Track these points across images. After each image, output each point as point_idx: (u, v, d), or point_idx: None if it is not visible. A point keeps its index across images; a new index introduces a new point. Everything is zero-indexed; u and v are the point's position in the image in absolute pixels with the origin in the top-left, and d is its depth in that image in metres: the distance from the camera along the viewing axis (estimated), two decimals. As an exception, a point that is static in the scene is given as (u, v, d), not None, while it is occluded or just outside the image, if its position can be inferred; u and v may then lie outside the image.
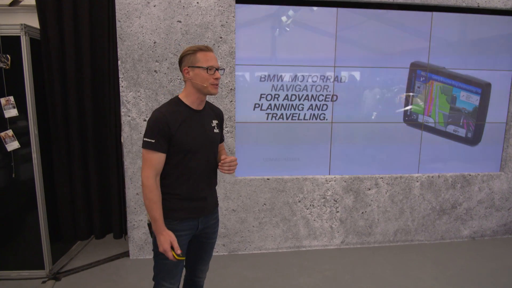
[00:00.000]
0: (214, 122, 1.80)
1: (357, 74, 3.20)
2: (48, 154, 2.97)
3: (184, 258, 1.67)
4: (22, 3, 4.33)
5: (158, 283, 1.74)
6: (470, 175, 3.43)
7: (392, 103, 3.28)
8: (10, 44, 2.60)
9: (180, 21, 2.87)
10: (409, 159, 3.37)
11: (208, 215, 1.80)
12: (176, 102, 1.69)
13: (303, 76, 3.11)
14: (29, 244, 2.84)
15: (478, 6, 3.19)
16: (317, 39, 3.10)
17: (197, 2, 2.86)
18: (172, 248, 1.61)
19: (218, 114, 1.85)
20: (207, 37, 2.90)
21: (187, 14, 2.86)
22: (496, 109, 3.43)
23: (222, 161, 1.75)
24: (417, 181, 3.35)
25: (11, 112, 2.66)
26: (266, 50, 3.07)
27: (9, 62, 2.60)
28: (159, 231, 1.62)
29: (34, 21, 3.03)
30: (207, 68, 1.61)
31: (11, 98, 2.64)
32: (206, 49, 1.66)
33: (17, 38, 2.59)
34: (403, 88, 3.27)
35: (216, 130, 1.79)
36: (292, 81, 3.11)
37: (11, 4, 4.33)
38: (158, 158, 1.60)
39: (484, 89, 3.36)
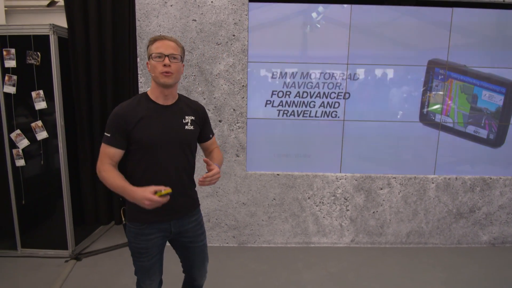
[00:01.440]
0: (188, 118, 1.69)
1: (370, 72, 3.16)
2: (74, 144, 3.22)
3: (170, 190, 1.50)
4: (58, 4, 4.68)
5: (139, 280, 1.77)
6: (491, 179, 3.28)
7: (407, 101, 3.21)
8: (41, 42, 2.85)
9: (195, 20, 2.98)
10: (425, 159, 3.28)
11: (182, 218, 1.72)
12: (141, 97, 1.66)
13: (315, 73, 3.13)
14: (55, 226, 3.10)
15: (504, 1, 3.04)
16: (330, 36, 3.10)
17: (211, 1, 2.96)
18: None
19: (195, 110, 1.74)
20: (220, 35, 3.00)
21: (202, 13, 2.97)
22: (523, 110, 3.25)
23: (204, 176, 1.61)
24: (433, 183, 3.26)
25: (41, 105, 2.91)
26: (278, 48, 3.11)
27: (39, 59, 2.85)
28: (132, 192, 1.48)
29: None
30: (155, 56, 1.54)
31: (41, 92, 2.89)
32: (157, 38, 1.58)
33: (47, 37, 2.83)
34: (419, 86, 3.18)
35: (188, 127, 1.68)
36: (303, 78, 3.13)
37: (48, 5, 4.69)
38: (113, 153, 1.57)
39: (509, 89, 3.19)
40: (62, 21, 4.68)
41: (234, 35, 3.01)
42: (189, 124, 1.69)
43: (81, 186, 3.30)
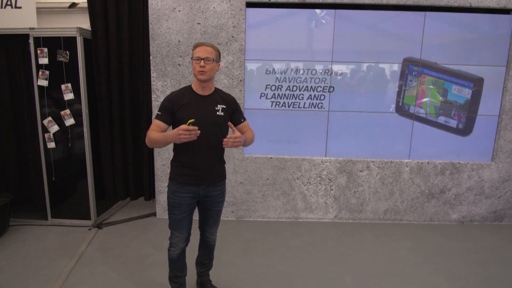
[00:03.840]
0: (220, 107, 2.13)
1: (352, 68, 3.61)
2: (96, 131, 3.74)
3: (193, 119, 1.91)
4: (78, 6, 5.20)
5: (171, 232, 2.23)
6: (459, 163, 3.71)
7: (384, 94, 3.65)
8: (69, 43, 3.36)
9: (199, 23, 3.46)
10: (400, 146, 3.73)
11: (209, 185, 2.16)
12: (186, 88, 2.15)
13: (303, 69, 3.59)
14: (80, 200, 3.64)
15: (471, 5, 3.44)
16: (317, 37, 3.55)
17: (214, 7, 3.43)
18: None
19: (226, 101, 2.17)
20: (221, 37, 3.48)
21: (205, 17, 3.45)
22: (489, 103, 3.66)
23: (228, 137, 2.01)
24: (407, 166, 3.71)
25: (69, 96, 3.43)
26: (272, 47, 3.57)
27: (68, 57, 3.36)
28: (168, 136, 1.95)
29: (86, 22, 3.78)
30: (194, 58, 2.02)
31: (69, 85, 3.41)
32: (198, 45, 2.05)
33: (74, 39, 3.34)
34: (396, 81, 3.62)
35: (220, 113, 2.11)
36: (293, 73, 3.60)
37: (70, 7, 5.21)
38: (160, 124, 2.06)
39: (476, 83, 3.61)
40: (82, 21, 5.23)
41: (233, 36, 3.48)
42: (220, 111, 2.12)
43: (101, 166, 3.83)
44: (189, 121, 1.90)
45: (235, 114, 2.25)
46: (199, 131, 1.92)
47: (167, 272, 2.38)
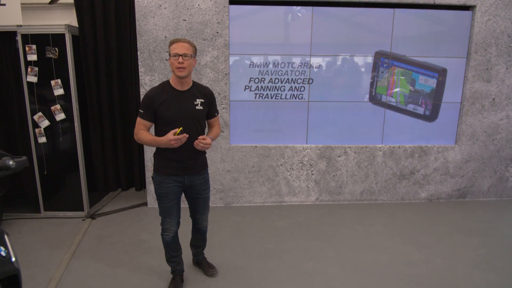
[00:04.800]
0: (198, 101, 2.22)
1: (329, 61, 3.89)
2: (86, 124, 3.85)
3: (181, 128, 2.10)
4: (59, 1, 5.21)
5: (162, 218, 2.38)
6: (427, 147, 4.09)
7: (359, 85, 3.96)
8: (57, 39, 3.44)
9: (185, 20, 3.63)
10: (374, 132, 4.06)
11: (193, 175, 2.31)
12: (164, 84, 2.22)
13: (284, 63, 3.83)
14: (73, 192, 3.76)
15: (434, 2, 3.78)
16: (297, 33, 3.80)
17: (198, 4, 3.60)
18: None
19: (204, 94, 2.27)
20: (206, 33, 3.66)
21: (191, 14, 3.62)
22: (452, 91, 4.04)
23: (199, 138, 2.15)
24: (380, 151, 4.05)
25: (59, 91, 3.53)
26: (255, 42, 3.79)
27: (57, 53, 3.46)
28: (160, 141, 2.12)
29: (68, 17, 3.87)
30: (172, 55, 2.08)
31: (59, 80, 3.51)
32: (175, 41, 2.10)
33: (63, 35, 3.43)
34: (369, 73, 3.93)
35: (198, 107, 2.22)
36: (275, 67, 3.84)
37: (50, 3, 5.21)
38: (143, 123, 2.20)
39: (440, 74, 3.97)
40: (63, 17, 5.24)
41: (217, 32, 3.68)
42: (199, 105, 2.23)
43: (92, 158, 3.95)
44: (178, 130, 2.07)
45: (211, 107, 2.35)
46: (187, 135, 2.10)
47: (163, 255, 2.58)
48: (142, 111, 2.22)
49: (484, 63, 3.93)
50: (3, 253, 1.29)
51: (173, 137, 2.08)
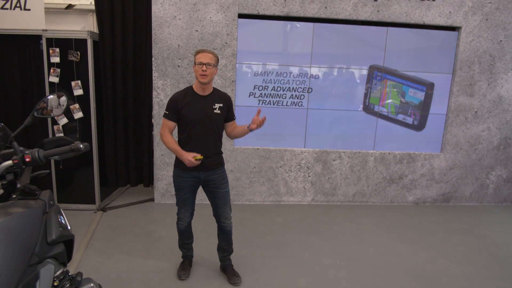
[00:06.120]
0: (217, 105, 2.45)
1: (327, 73, 4.24)
2: (101, 124, 4.14)
3: (202, 157, 2.34)
4: (75, 7, 5.52)
5: (178, 208, 2.65)
6: (414, 154, 4.45)
7: (354, 95, 4.32)
8: (79, 44, 3.75)
9: (197, 30, 3.96)
10: (366, 139, 4.41)
11: (208, 171, 2.50)
12: (188, 88, 2.49)
13: (286, 73, 4.18)
14: (86, 186, 4.03)
15: (424, 23, 4.17)
16: (298, 46, 4.16)
17: (210, 17, 3.94)
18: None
19: (223, 99, 2.50)
20: (216, 43, 4.00)
21: (203, 26, 3.95)
22: (439, 103, 4.41)
23: (254, 119, 2.43)
24: (372, 156, 4.39)
25: (79, 92, 3.82)
26: (260, 53, 4.14)
27: (78, 57, 3.76)
28: (181, 154, 2.37)
29: (82, 22, 4.18)
30: (197, 63, 2.34)
31: (79, 81, 3.80)
32: (200, 51, 2.37)
33: (84, 40, 3.74)
34: (363, 84, 4.29)
35: (217, 111, 2.45)
36: (278, 76, 4.18)
37: (66, 8, 5.53)
38: (169, 123, 2.46)
39: (428, 87, 4.35)
40: (78, 22, 5.56)
41: (226, 43, 4.01)
42: (217, 109, 2.46)
43: (105, 155, 4.24)
44: (199, 157, 2.33)
45: (229, 112, 2.58)
46: (199, 161, 2.36)
47: (174, 242, 2.89)
48: (167, 112, 2.48)
49: (468, 79, 4.32)
50: (63, 221, 1.58)
51: (191, 159, 2.33)
